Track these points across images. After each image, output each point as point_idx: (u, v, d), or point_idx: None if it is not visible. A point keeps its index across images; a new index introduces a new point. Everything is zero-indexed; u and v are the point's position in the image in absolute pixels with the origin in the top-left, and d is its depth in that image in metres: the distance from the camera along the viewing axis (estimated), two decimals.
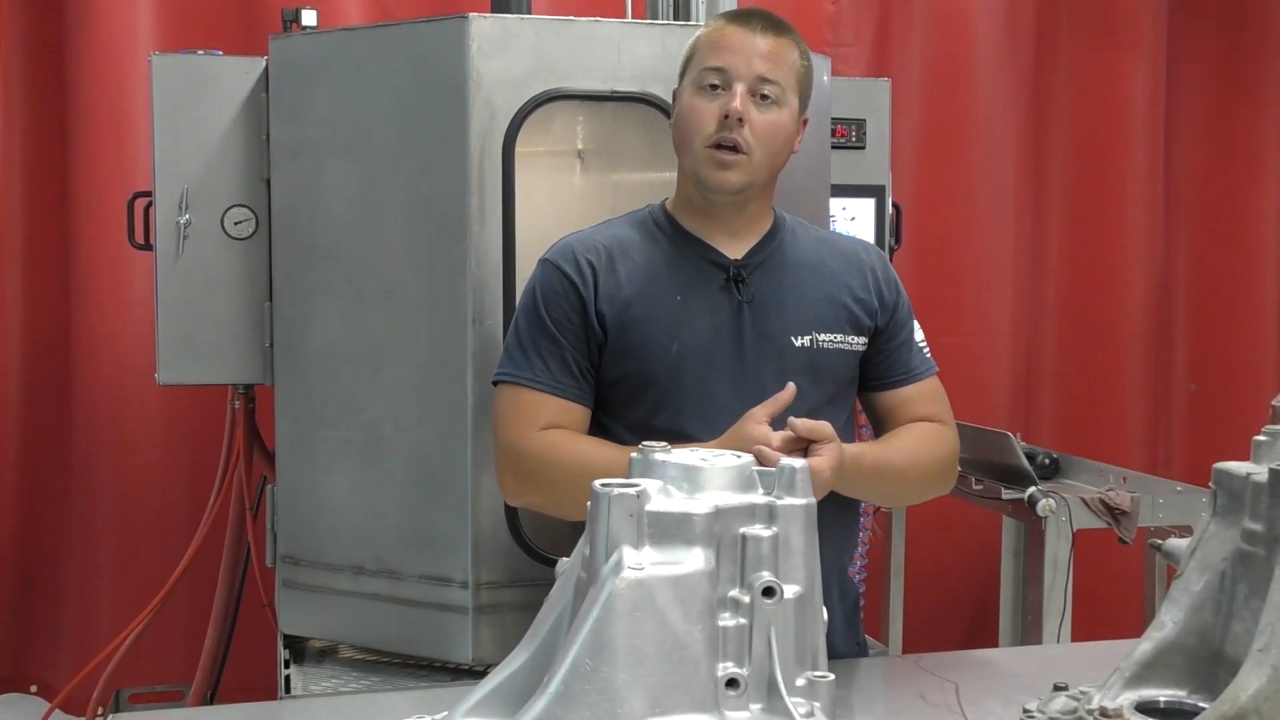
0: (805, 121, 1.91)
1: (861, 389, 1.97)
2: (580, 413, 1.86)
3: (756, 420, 1.71)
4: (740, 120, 1.78)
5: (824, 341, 1.87)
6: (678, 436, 1.20)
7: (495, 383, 1.90)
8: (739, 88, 1.79)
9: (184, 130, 2.57)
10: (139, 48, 3.28)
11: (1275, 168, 4.25)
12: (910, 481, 1.93)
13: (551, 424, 1.84)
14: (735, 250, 1.89)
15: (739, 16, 1.86)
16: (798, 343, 1.86)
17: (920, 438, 1.91)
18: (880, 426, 1.97)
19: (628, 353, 1.83)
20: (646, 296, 1.85)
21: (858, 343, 1.91)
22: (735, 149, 1.80)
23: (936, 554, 3.93)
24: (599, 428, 1.90)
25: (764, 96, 1.80)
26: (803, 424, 1.69)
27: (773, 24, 1.85)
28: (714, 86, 1.81)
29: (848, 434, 1.92)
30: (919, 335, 1.98)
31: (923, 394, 1.94)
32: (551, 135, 2.47)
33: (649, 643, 1.02)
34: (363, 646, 2.47)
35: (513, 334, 1.90)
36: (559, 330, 1.84)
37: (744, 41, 1.81)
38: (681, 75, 1.89)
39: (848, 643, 1.98)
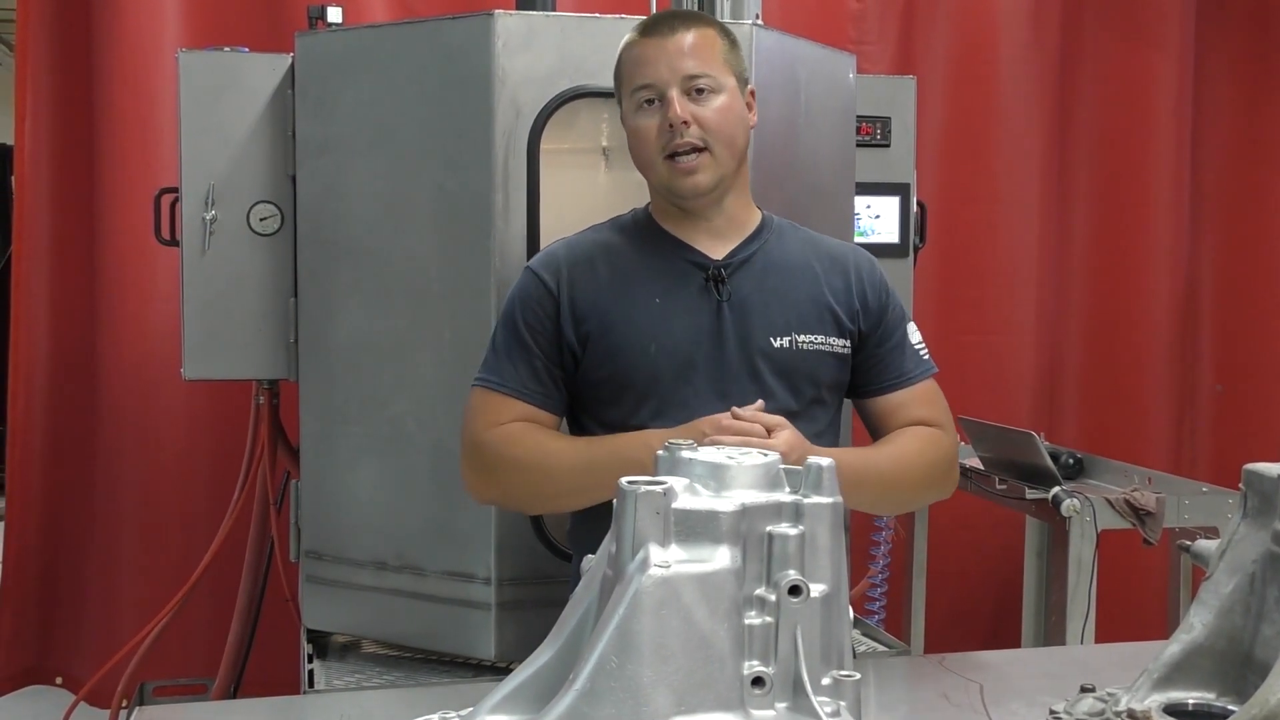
0: (753, 93, 1.91)
1: (855, 395, 1.96)
2: (547, 418, 1.88)
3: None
4: (685, 123, 1.79)
5: (804, 343, 1.87)
6: None
7: (472, 386, 1.92)
8: (672, 94, 1.80)
9: (210, 127, 2.59)
10: (166, 45, 3.29)
11: None
12: (900, 488, 1.91)
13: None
14: (718, 250, 1.89)
15: (649, 26, 1.87)
16: (776, 343, 1.86)
17: (911, 442, 1.89)
18: (875, 432, 1.95)
19: (607, 355, 1.85)
20: (625, 300, 1.87)
21: (839, 345, 1.89)
22: (694, 150, 1.80)
23: (959, 554, 3.91)
24: (579, 428, 1.92)
25: (699, 91, 1.81)
26: (747, 411, 1.71)
27: (681, 19, 1.86)
28: (650, 102, 1.82)
29: (832, 438, 1.92)
30: (915, 337, 1.96)
31: (916, 398, 1.92)
32: (576, 132, 2.47)
33: (675, 640, 1.02)
34: (385, 642, 2.48)
35: (491, 338, 1.93)
36: (532, 337, 1.86)
37: (660, 49, 1.82)
38: (618, 96, 1.89)
39: None
